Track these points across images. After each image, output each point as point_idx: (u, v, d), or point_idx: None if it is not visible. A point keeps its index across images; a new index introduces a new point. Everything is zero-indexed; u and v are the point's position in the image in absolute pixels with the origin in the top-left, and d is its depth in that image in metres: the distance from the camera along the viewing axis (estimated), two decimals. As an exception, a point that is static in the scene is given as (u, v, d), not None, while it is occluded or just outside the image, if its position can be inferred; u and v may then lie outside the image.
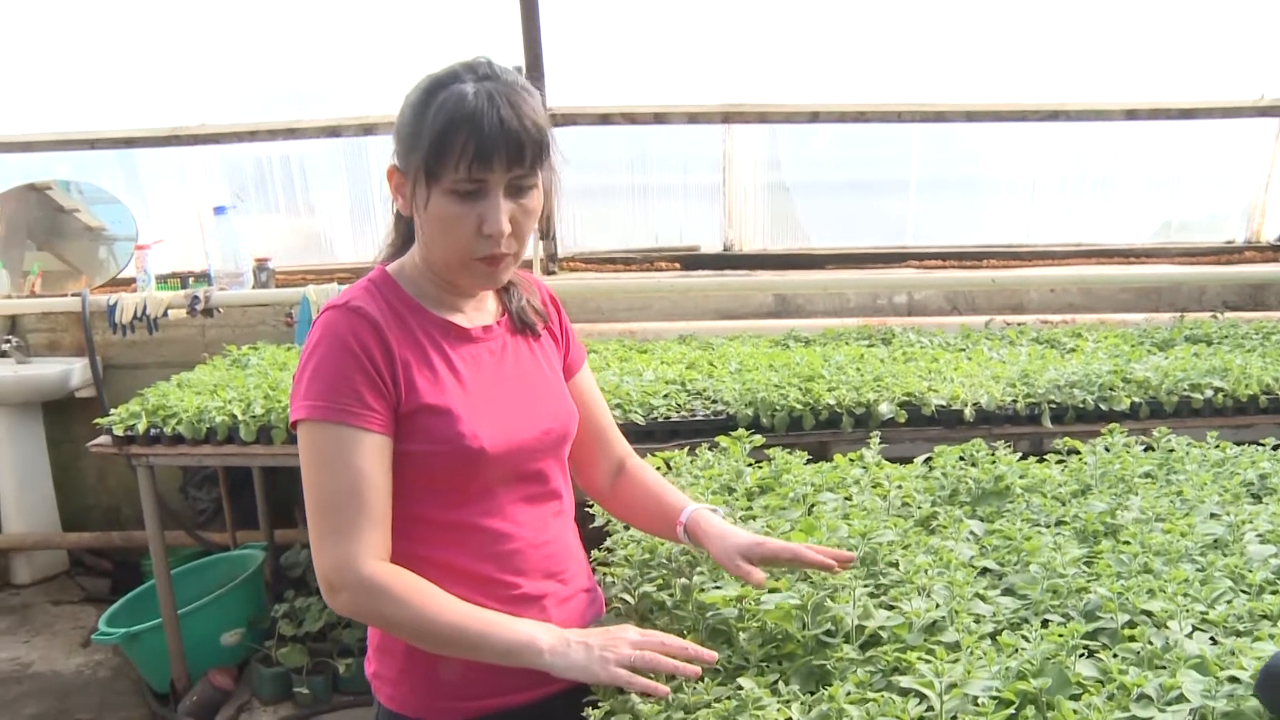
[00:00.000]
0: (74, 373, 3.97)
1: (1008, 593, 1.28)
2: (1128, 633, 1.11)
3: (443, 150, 1.16)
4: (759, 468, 1.82)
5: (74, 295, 3.97)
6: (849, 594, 1.20)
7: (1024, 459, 1.81)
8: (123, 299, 3.85)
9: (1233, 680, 0.98)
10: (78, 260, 4.30)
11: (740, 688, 1.09)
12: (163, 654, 3.08)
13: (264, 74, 4.24)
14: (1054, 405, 2.65)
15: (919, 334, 3.52)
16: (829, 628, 1.19)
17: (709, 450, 1.96)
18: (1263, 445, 1.85)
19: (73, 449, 4.14)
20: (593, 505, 1.61)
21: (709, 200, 4.22)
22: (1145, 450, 1.87)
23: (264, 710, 3.18)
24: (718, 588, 1.33)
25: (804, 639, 1.19)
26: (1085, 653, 1.07)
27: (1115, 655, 1.06)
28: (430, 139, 1.17)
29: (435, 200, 1.20)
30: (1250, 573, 1.25)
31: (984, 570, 1.36)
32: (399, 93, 1.25)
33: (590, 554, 1.53)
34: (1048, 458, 1.83)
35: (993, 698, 1.00)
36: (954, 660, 1.05)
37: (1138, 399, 2.68)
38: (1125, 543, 1.37)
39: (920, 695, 1.01)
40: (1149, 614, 1.15)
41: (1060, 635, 1.05)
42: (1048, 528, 1.49)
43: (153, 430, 2.81)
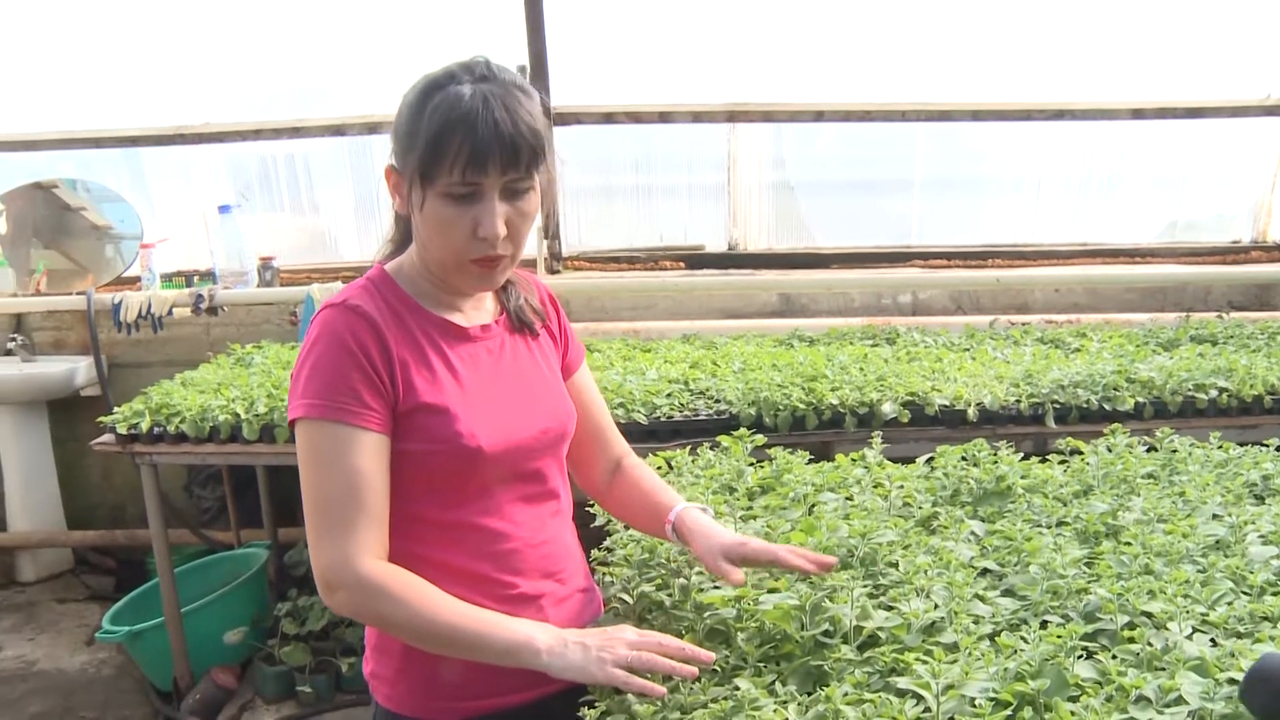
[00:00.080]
0: (79, 371, 3.98)
1: (1007, 594, 1.28)
2: (1127, 634, 1.11)
3: (437, 153, 1.16)
4: (760, 467, 1.81)
5: (79, 294, 3.99)
6: (847, 594, 1.20)
7: (1027, 459, 1.80)
8: (128, 297, 3.86)
9: (1232, 682, 0.97)
10: (83, 259, 4.31)
11: (737, 688, 1.08)
12: (166, 652, 3.09)
13: (269, 73, 4.25)
14: (1058, 405, 2.64)
15: (923, 334, 3.51)
16: (827, 628, 1.19)
17: (710, 450, 1.95)
18: (1266, 446, 1.84)
19: (77, 447, 4.13)
20: (593, 505, 1.61)
21: (714, 199, 4.22)
22: (1148, 451, 1.86)
23: (267, 709, 3.19)
24: (716, 588, 1.32)
25: (802, 639, 1.18)
26: (1084, 654, 1.07)
27: (1114, 657, 1.06)
28: (425, 141, 1.17)
29: (431, 202, 1.20)
30: (1252, 574, 1.24)
31: (984, 571, 1.36)
32: (403, 91, 1.25)
33: (590, 554, 1.52)
34: (1050, 458, 1.82)
35: (990, 699, 0.99)
36: (952, 661, 1.05)
37: (1142, 399, 2.66)
38: (1126, 543, 1.36)
39: (917, 696, 1.01)
40: (1149, 615, 1.15)
41: (1059, 636, 1.05)
42: (1049, 528, 1.48)
43: (157, 429, 2.82)
